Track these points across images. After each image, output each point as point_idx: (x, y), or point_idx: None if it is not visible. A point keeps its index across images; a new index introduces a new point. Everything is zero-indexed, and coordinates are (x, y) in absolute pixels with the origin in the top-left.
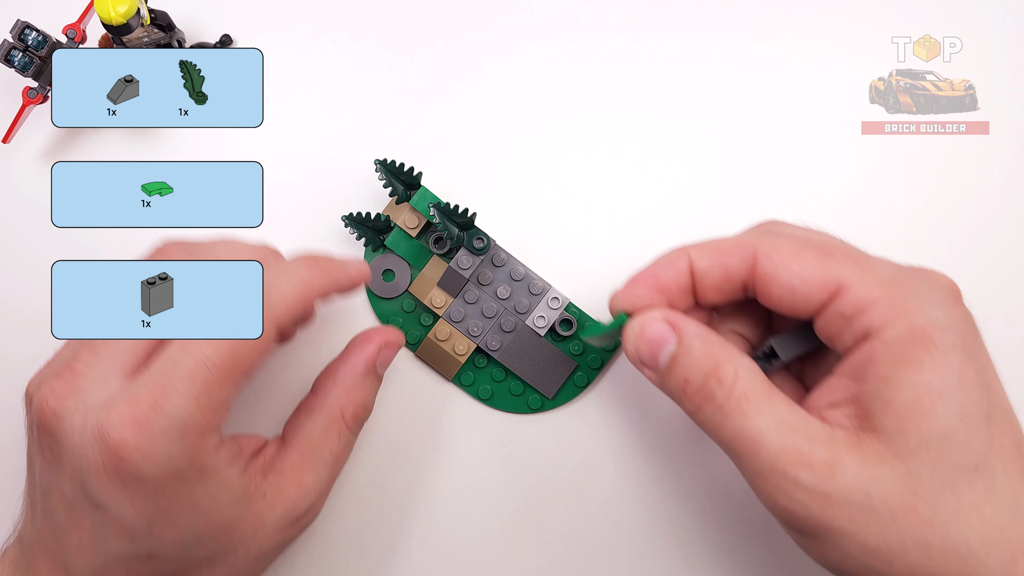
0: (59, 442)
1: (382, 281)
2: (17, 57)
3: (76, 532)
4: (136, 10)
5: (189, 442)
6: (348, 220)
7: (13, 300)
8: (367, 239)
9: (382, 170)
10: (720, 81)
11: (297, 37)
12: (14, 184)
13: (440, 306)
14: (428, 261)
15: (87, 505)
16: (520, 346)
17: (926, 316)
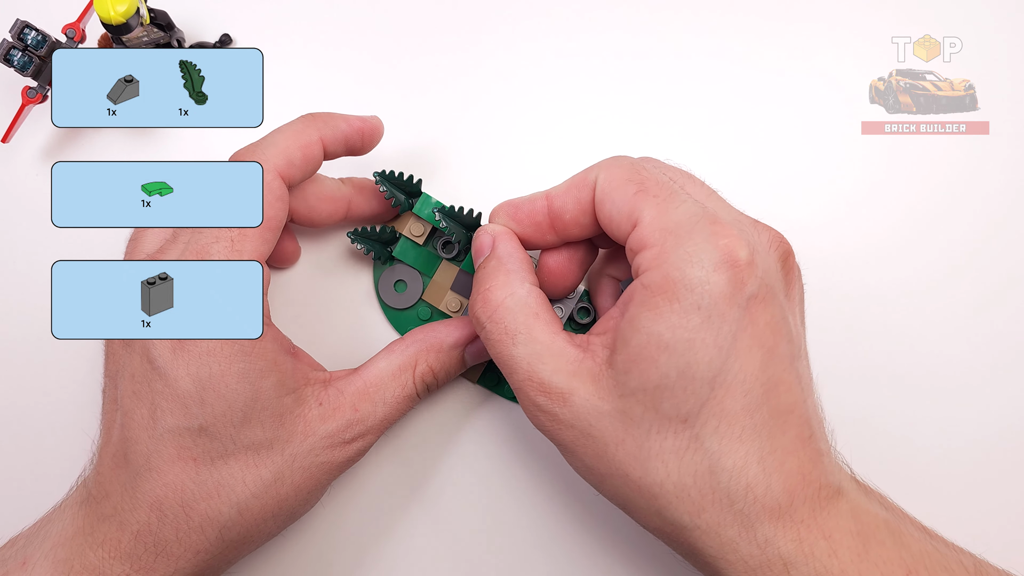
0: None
1: (395, 292)
2: (16, 56)
3: (138, 410)
4: (136, 9)
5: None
6: (354, 236)
7: (12, 299)
8: (375, 253)
9: (382, 182)
10: (720, 81)
11: (297, 36)
12: (13, 183)
13: (456, 310)
14: (438, 267)
15: (151, 375)
16: None
17: (682, 272)
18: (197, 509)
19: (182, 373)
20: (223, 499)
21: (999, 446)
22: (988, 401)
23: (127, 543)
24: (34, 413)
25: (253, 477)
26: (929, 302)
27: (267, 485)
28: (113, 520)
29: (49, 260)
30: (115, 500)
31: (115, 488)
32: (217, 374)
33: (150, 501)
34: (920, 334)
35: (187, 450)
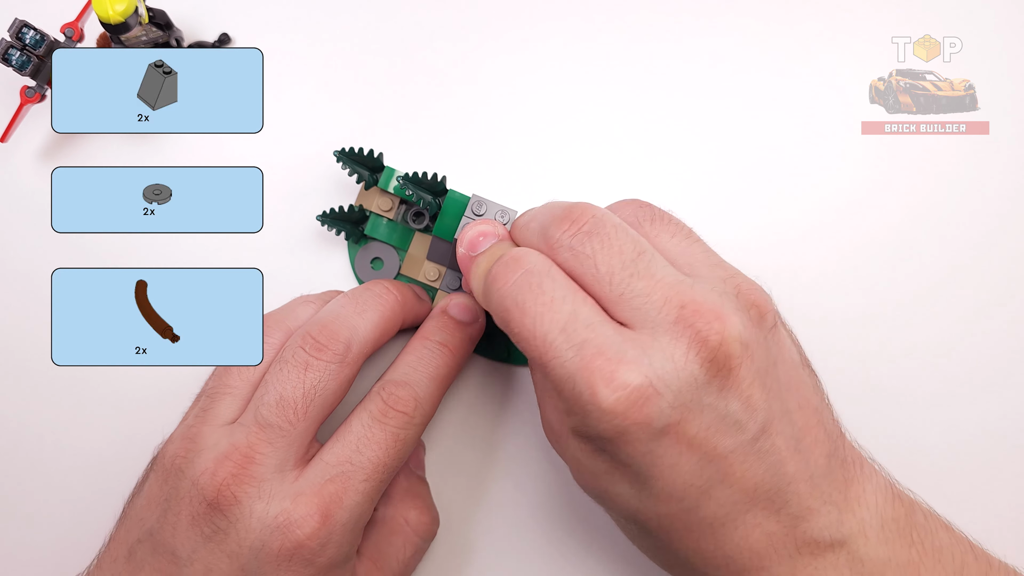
0: (231, 523)
1: (372, 270)
2: (15, 56)
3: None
4: (134, 8)
5: (356, 534)
6: (324, 218)
7: (10, 300)
8: (346, 233)
9: (343, 159)
10: (720, 81)
11: (296, 36)
12: (11, 183)
13: (435, 279)
14: (412, 239)
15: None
16: None
17: (585, 426)
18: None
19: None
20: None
21: (1002, 447)
22: (990, 402)
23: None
24: (33, 413)
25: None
26: (929, 302)
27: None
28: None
29: (47, 260)
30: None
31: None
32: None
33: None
34: (920, 334)
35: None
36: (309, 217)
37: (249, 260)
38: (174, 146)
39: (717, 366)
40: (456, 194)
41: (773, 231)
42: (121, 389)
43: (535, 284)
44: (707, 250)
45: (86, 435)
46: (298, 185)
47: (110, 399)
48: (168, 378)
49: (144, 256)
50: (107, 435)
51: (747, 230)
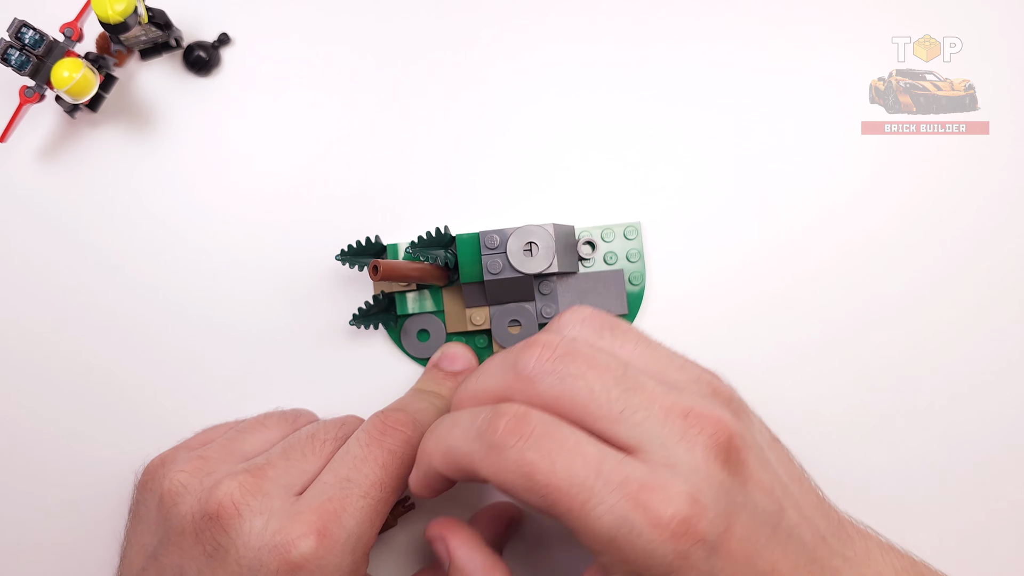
0: (231, 538)
1: (423, 344)
2: (14, 56)
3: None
4: (134, 8)
5: (357, 557)
6: (357, 320)
7: (10, 299)
8: (384, 323)
9: (346, 259)
10: (720, 81)
11: (296, 36)
12: (11, 183)
13: (482, 322)
14: (441, 297)
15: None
16: (568, 294)
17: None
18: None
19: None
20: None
21: (1002, 447)
22: (990, 402)
23: None
24: (32, 413)
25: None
26: (929, 302)
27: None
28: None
29: (46, 260)
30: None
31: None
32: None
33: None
34: (920, 334)
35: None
36: (257, 246)
37: (305, 390)
38: (173, 144)
39: (733, 463)
40: (463, 236)
41: (773, 231)
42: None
43: (552, 432)
44: (669, 353)
45: (80, 417)
46: (252, 210)
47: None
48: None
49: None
50: (107, 441)
51: (747, 230)
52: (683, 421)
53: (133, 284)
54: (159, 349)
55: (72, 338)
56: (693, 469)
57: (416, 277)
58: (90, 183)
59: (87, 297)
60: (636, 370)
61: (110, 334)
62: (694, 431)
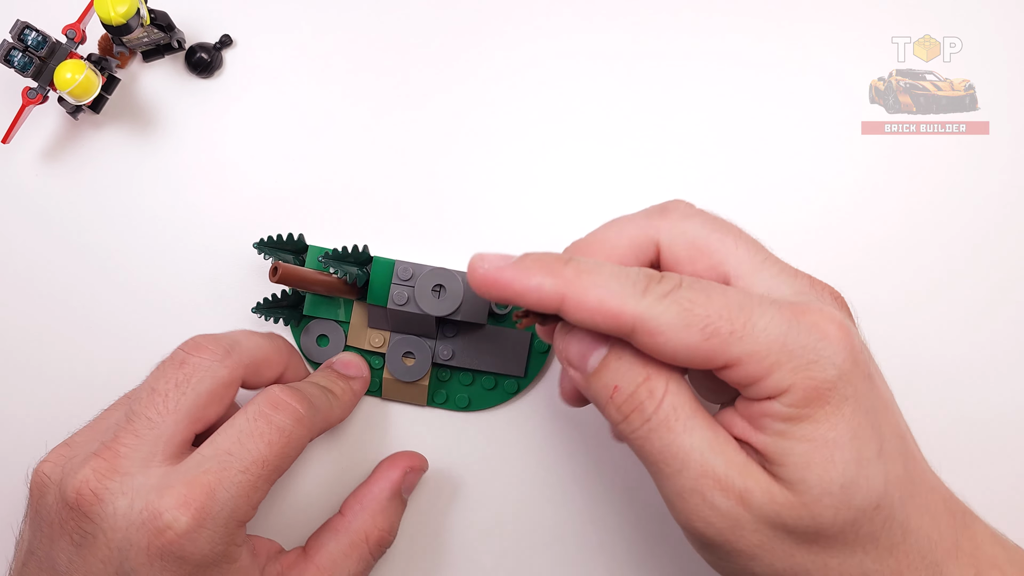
0: (96, 524)
1: (320, 348)
2: (17, 57)
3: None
4: (136, 10)
5: (230, 530)
6: (260, 310)
7: (11, 300)
8: (285, 319)
9: (265, 250)
10: (719, 81)
11: (297, 37)
12: (14, 184)
13: (380, 345)
14: (351, 310)
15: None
16: (470, 343)
17: (818, 378)
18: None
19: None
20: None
21: (1003, 447)
22: (991, 402)
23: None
24: (30, 413)
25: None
26: (929, 302)
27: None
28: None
29: (47, 261)
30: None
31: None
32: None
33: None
34: (920, 335)
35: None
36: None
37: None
38: (173, 144)
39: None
40: (381, 260)
41: (773, 231)
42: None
43: (703, 282)
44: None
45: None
46: (253, 211)
47: None
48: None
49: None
50: None
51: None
52: (809, 281)
53: (134, 284)
54: (159, 349)
55: (72, 338)
56: (842, 313)
57: (319, 287)
58: (92, 184)
59: (89, 297)
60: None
61: (110, 334)
62: (821, 287)
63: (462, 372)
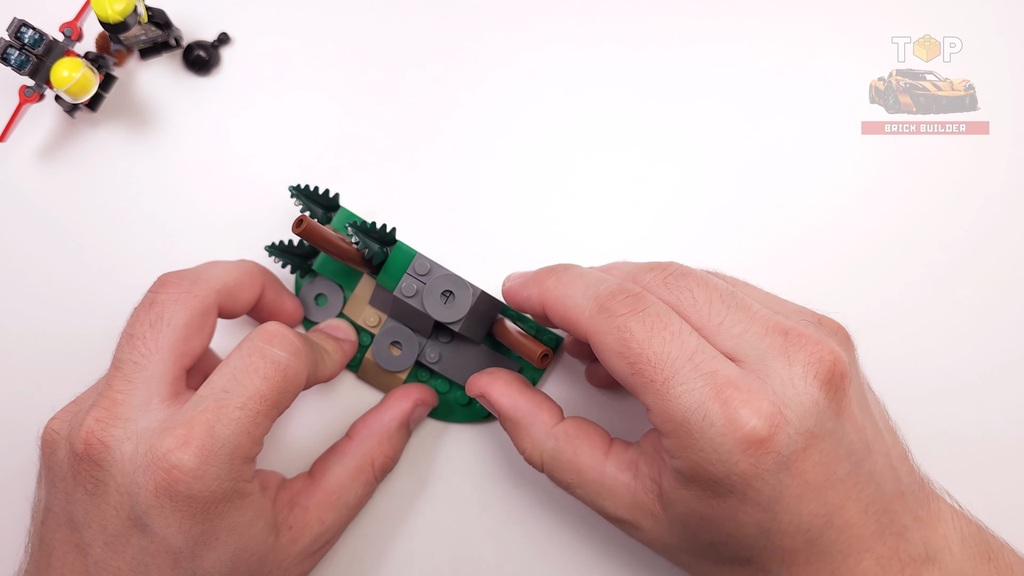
0: (106, 471)
1: (315, 306)
2: (13, 55)
3: (115, 562)
4: (133, 8)
5: (236, 467)
6: (272, 250)
7: (10, 298)
8: (292, 266)
9: (298, 195)
10: (720, 81)
11: (295, 35)
12: (10, 182)
13: (375, 324)
14: (359, 281)
15: (132, 531)
16: (459, 355)
17: (706, 467)
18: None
19: (174, 529)
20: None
21: (1002, 447)
22: (991, 403)
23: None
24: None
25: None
26: (929, 302)
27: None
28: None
29: (46, 259)
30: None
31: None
32: (209, 530)
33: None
34: (920, 335)
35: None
36: (257, 246)
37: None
38: (172, 143)
39: (833, 388)
40: (404, 246)
41: (773, 231)
42: None
43: (662, 315)
44: (774, 296)
45: None
46: (252, 210)
47: None
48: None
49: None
50: None
51: (747, 230)
52: (783, 339)
53: (133, 283)
54: None
55: (73, 338)
56: (787, 382)
57: (336, 252)
58: (90, 182)
59: (87, 296)
60: (744, 294)
61: (108, 332)
62: (795, 348)
63: (443, 379)
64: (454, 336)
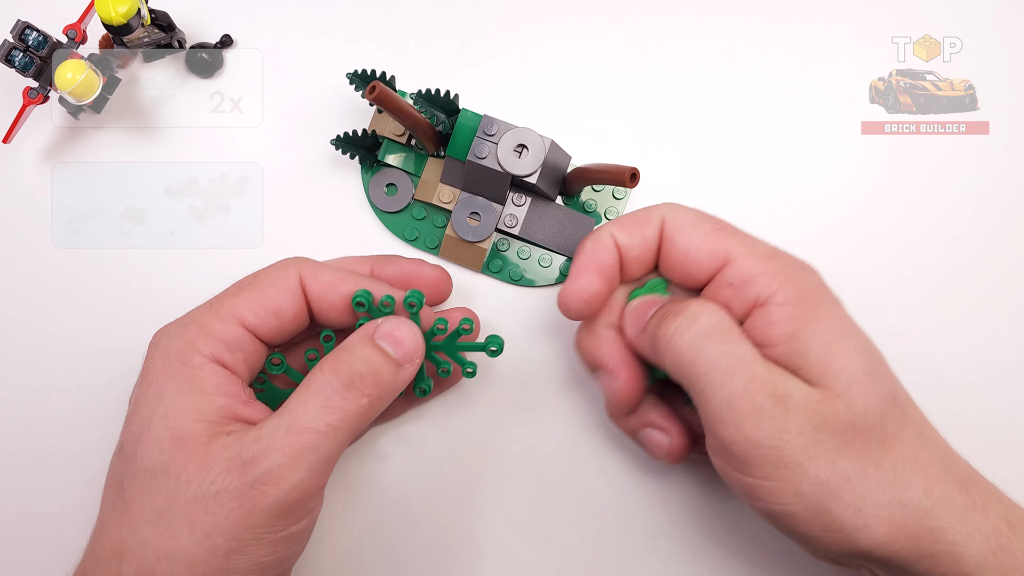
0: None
1: (386, 196)
2: (18, 57)
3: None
4: (137, 10)
5: (188, 333)
6: (338, 143)
7: (13, 298)
8: (360, 158)
9: (356, 80)
10: (720, 81)
11: (297, 37)
12: (14, 184)
13: (449, 201)
14: (425, 165)
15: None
16: (537, 217)
17: (804, 282)
18: (107, 533)
19: (138, 390)
20: (123, 524)
21: (1002, 445)
22: (991, 402)
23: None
24: (30, 412)
25: (149, 504)
26: (929, 302)
27: (161, 513)
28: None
29: (49, 260)
30: None
31: None
32: (142, 391)
33: (97, 527)
34: (920, 335)
35: (113, 471)
36: (307, 213)
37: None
38: (174, 142)
39: None
40: (468, 112)
41: (773, 231)
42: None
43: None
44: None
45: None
46: (297, 181)
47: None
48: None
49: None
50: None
51: (746, 229)
52: (784, 254)
53: (137, 284)
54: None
55: (73, 338)
56: None
57: (408, 118)
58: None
59: (88, 297)
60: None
61: (112, 333)
62: (791, 258)
63: (522, 244)
64: (529, 198)
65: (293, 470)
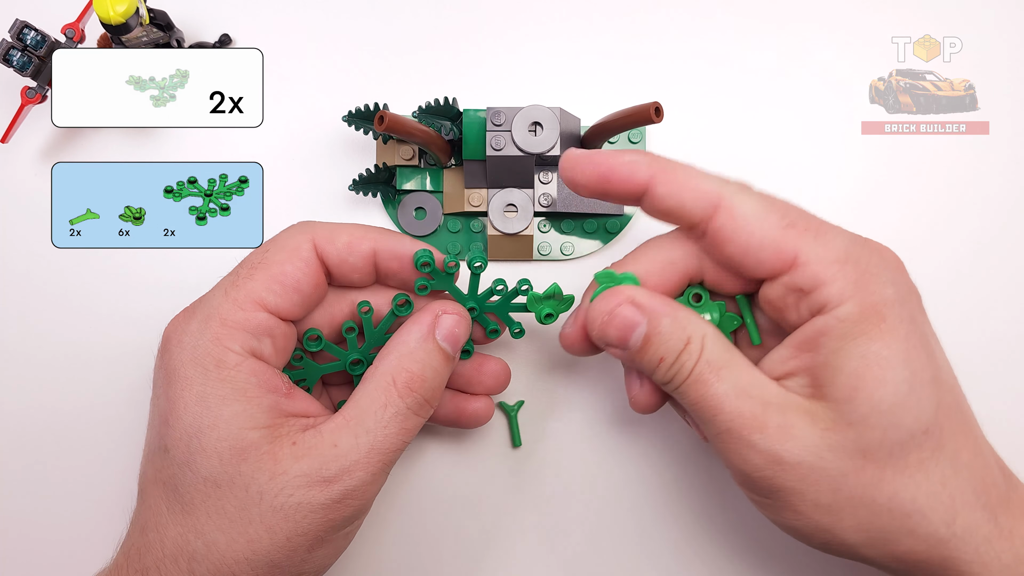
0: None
1: (418, 222)
2: (16, 57)
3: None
4: (135, 9)
5: (211, 329)
6: (355, 186)
7: (12, 299)
8: (381, 193)
9: (353, 121)
10: (720, 81)
11: (296, 37)
12: (13, 183)
13: (479, 204)
14: (442, 178)
15: (153, 396)
16: (567, 189)
17: (878, 294)
18: (167, 534)
19: (160, 393)
20: (187, 527)
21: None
22: (990, 401)
23: (123, 562)
24: (30, 412)
25: (216, 510)
26: (929, 302)
27: (232, 521)
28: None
29: (48, 260)
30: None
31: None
32: (179, 394)
33: (140, 522)
34: None
35: (160, 471)
36: (309, 213)
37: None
38: (174, 142)
39: None
40: (471, 112)
41: None
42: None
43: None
44: None
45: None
46: (297, 181)
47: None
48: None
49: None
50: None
51: None
52: (869, 246)
53: (136, 284)
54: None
55: (73, 338)
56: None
57: (420, 137)
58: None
59: (88, 297)
60: None
61: (111, 333)
62: (879, 254)
63: (563, 220)
64: (553, 174)
65: (375, 485)
